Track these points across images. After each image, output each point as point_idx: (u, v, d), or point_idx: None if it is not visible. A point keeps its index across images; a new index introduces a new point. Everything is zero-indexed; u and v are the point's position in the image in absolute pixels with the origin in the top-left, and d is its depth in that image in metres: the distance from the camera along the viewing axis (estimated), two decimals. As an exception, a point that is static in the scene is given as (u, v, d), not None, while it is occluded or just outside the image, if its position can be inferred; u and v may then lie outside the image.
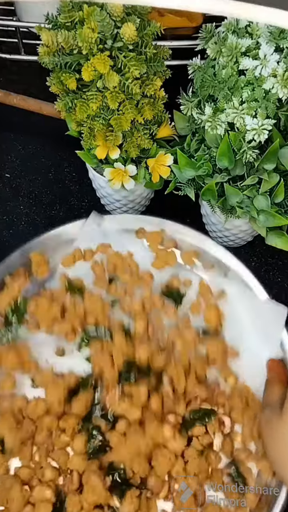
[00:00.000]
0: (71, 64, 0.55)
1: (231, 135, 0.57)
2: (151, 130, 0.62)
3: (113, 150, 0.62)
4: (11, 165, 0.84)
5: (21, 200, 0.80)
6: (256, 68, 0.55)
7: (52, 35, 0.53)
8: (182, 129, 0.65)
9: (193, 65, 0.61)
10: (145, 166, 0.64)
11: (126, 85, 0.54)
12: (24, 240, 0.65)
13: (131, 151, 0.61)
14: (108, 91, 0.55)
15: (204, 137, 0.61)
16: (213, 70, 0.59)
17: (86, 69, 0.52)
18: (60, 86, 0.57)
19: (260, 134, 0.55)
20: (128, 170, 0.63)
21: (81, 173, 0.80)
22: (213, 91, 0.58)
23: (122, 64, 0.54)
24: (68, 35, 0.52)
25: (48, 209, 0.79)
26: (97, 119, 0.58)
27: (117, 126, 0.57)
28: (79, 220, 0.67)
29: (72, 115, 0.59)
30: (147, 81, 0.57)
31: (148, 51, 0.56)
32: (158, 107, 0.60)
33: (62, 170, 0.83)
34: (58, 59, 0.55)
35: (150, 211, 0.76)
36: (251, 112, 0.56)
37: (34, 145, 0.87)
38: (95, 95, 0.55)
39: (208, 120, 0.57)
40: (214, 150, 0.60)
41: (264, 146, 0.58)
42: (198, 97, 0.61)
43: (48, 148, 0.86)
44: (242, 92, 0.56)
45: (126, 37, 0.52)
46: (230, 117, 0.56)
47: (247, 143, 0.57)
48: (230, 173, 0.61)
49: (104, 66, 0.52)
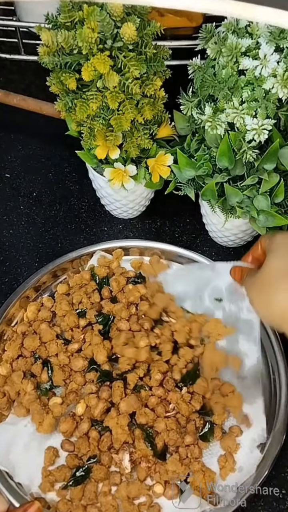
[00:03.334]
0: (71, 64, 0.55)
1: (231, 135, 0.57)
2: (151, 130, 0.62)
3: (113, 150, 0.62)
4: (11, 165, 0.84)
5: (21, 200, 0.80)
6: (256, 68, 0.55)
7: (52, 35, 0.53)
8: (182, 129, 0.65)
9: (193, 65, 0.61)
10: (145, 166, 0.64)
11: (126, 85, 0.54)
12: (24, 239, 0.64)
13: (131, 151, 0.61)
14: (108, 91, 0.54)
15: (204, 137, 0.61)
16: (213, 70, 0.59)
17: (86, 69, 0.52)
18: (60, 86, 0.57)
19: (260, 134, 0.55)
20: (128, 170, 0.63)
21: (81, 173, 0.80)
22: (213, 91, 0.58)
23: (122, 64, 0.54)
24: (68, 35, 0.52)
25: (48, 209, 0.79)
26: (97, 119, 0.58)
27: (117, 126, 0.57)
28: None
29: (72, 115, 0.59)
30: (147, 81, 0.57)
31: (148, 51, 0.56)
32: (158, 107, 0.60)
33: (62, 170, 0.83)
34: (58, 59, 0.55)
35: (150, 211, 0.76)
36: (251, 112, 0.56)
37: (34, 145, 0.87)
38: (95, 95, 0.55)
39: (208, 120, 0.57)
40: (214, 150, 0.60)
41: (264, 146, 0.58)
42: (198, 97, 0.61)
43: (48, 148, 0.86)
44: (242, 92, 0.56)
45: (126, 37, 0.52)
46: (230, 117, 0.56)
47: (247, 143, 0.57)
48: (230, 173, 0.61)
49: (104, 66, 0.52)
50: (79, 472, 0.54)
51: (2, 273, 0.71)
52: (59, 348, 0.61)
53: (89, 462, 0.54)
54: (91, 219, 0.77)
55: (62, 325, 0.63)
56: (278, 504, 0.53)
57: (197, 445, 0.55)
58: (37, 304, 0.66)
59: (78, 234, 0.75)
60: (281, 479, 0.54)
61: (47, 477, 0.53)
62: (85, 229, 0.76)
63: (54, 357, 0.61)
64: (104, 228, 0.76)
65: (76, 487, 0.53)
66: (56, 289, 0.68)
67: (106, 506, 0.52)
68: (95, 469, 0.53)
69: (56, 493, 0.53)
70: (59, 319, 0.64)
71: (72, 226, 0.77)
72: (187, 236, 0.75)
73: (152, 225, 0.76)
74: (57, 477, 0.53)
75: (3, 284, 0.70)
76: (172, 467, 0.53)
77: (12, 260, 0.72)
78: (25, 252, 0.73)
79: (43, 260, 0.71)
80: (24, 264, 0.72)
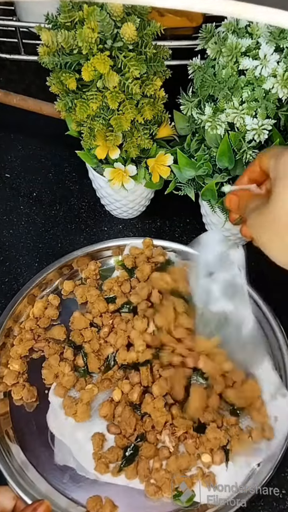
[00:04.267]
0: (71, 64, 0.55)
1: (231, 135, 0.57)
2: (151, 130, 0.62)
3: (113, 150, 0.62)
4: (11, 165, 0.84)
5: (21, 200, 0.80)
6: (256, 68, 0.55)
7: (52, 35, 0.53)
8: (182, 129, 0.65)
9: (193, 65, 0.61)
10: (145, 166, 0.64)
11: (126, 85, 0.54)
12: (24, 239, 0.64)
13: (131, 151, 0.61)
14: (108, 91, 0.54)
15: (204, 137, 0.61)
16: (213, 70, 0.59)
17: (86, 69, 0.52)
18: (60, 86, 0.57)
19: (260, 134, 0.55)
20: (128, 170, 0.63)
21: (81, 173, 0.80)
22: (213, 91, 0.58)
23: (122, 64, 0.54)
24: (68, 35, 0.52)
25: (48, 209, 0.79)
26: (97, 119, 0.58)
27: (117, 126, 0.57)
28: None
29: (72, 115, 0.59)
30: (147, 81, 0.57)
31: (148, 51, 0.56)
32: (158, 107, 0.60)
33: (62, 170, 0.83)
34: (58, 59, 0.55)
35: (150, 211, 0.76)
36: (251, 112, 0.56)
37: (34, 145, 0.87)
38: (95, 95, 0.55)
39: (208, 120, 0.57)
40: (214, 150, 0.60)
41: (264, 146, 0.58)
42: (198, 97, 0.61)
43: (48, 148, 0.86)
44: (242, 92, 0.56)
45: (126, 37, 0.52)
46: (230, 117, 0.56)
47: (247, 143, 0.57)
48: (230, 173, 0.61)
49: (104, 66, 0.52)
50: (128, 451, 0.56)
51: (2, 273, 0.71)
52: (93, 335, 0.63)
53: (137, 441, 0.56)
54: (91, 219, 0.77)
55: (93, 312, 0.65)
56: (278, 504, 0.53)
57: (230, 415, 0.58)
58: (43, 301, 0.67)
59: (78, 234, 0.75)
60: (281, 479, 0.54)
61: (99, 459, 0.55)
62: (85, 229, 0.76)
63: (87, 343, 0.62)
64: (104, 228, 0.76)
65: (129, 466, 0.55)
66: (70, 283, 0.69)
67: (161, 481, 0.54)
68: (144, 447, 0.56)
69: (111, 474, 0.55)
70: (90, 305, 0.66)
71: (72, 226, 0.77)
72: (187, 236, 0.75)
73: (152, 225, 0.76)
74: (110, 458, 0.55)
75: (3, 284, 0.70)
76: (213, 434, 0.55)
77: (12, 260, 0.72)
78: (25, 252, 0.73)
79: (43, 260, 0.71)
80: (24, 264, 0.72)
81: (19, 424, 0.58)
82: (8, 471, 0.54)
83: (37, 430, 0.58)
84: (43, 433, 0.58)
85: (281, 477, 0.55)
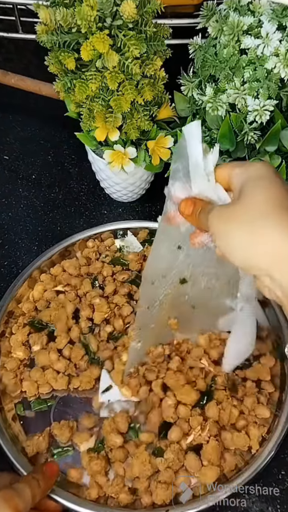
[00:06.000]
0: (70, 43, 0.54)
1: (233, 116, 0.56)
2: (151, 111, 0.61)
3: (113, 132, 0.61)
4: (9, 147, 0.83)
5: (20, 182, 0.79)
6: (258, 47, 0.55)
7: (50, 13, 0.52)
8: (183, 110, 0.65)
9: (193, 44, 0.60)
10: (145, 148, 0.64)
11: (125, 65, 0.54)
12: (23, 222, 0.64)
13: (131, 133, 0.61)
14: (108, 71, 0.54)
15: (205, 118, 0.61)
16: (214, 50, 0.58)
17: (85, 48, 0.52)
18: (59, 66, 0.56)
19: (261, 115, 0.55)
20: (128, 153, 0.62)
21: (80, 156, 0.80)
22: (214, 71, 0.58)
23: (122, 43, 0.53)
24: (66, 12, 0.51)
25: (47, 191, 0.78)
26: (96, 100, 0.57)
27: (117, 107, 0.56)
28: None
29: (71, 96, 0.59)
30: (147, 61, 0.56)
31: (148, 29, 0.55)
32: (158, 88, 0.59)
33: (61, 152, 0.83)
34: (56, 38, 0.54)
35: (150, 194, 0.76)
36: (253, 93, 0.55)
37: (33, 127, 0.86)
38: (95, 75, 0.54)
39: (209, 101, 0.57)
40: (215, 132, 0.60)
41: (265, 127, 0.57)
42: (199, 77, 0.60)
43: (47, 129, 0.85)
44: (243, 72, 0.55)
45: (126, 15, 0.51)
46: (231, 98, 0.56)
47: (248, 124, 0.56)
48: (231, 155, 0.60)
49: (103, 45, 0.51)
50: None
51: (1, 256, 0.71)
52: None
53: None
54: (90, 202, 0.77)
55: (99, 277, 0.67)
56: (278, 504, 0.53)
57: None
58: (43, 284, 0.66)
59: (78, 217, 0.75)
60: (281, 479, 0.55)
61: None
62: (85, 212, 0.76)
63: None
64: (103, 211, 0.76)
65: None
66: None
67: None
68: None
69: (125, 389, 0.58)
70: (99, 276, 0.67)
71: (71, 209, 0.76)
72: (187, 219, 0.74)
73: (152, 208, 0.76)
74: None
75: (2, 267, 0.69)
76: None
77: (11, 243, 0.72)
78: (24, 235, 0.73)
79: (42, 243, 0.71)
80: (23, 247, 0.72)
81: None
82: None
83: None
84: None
85: (282, 477, 0.55)
